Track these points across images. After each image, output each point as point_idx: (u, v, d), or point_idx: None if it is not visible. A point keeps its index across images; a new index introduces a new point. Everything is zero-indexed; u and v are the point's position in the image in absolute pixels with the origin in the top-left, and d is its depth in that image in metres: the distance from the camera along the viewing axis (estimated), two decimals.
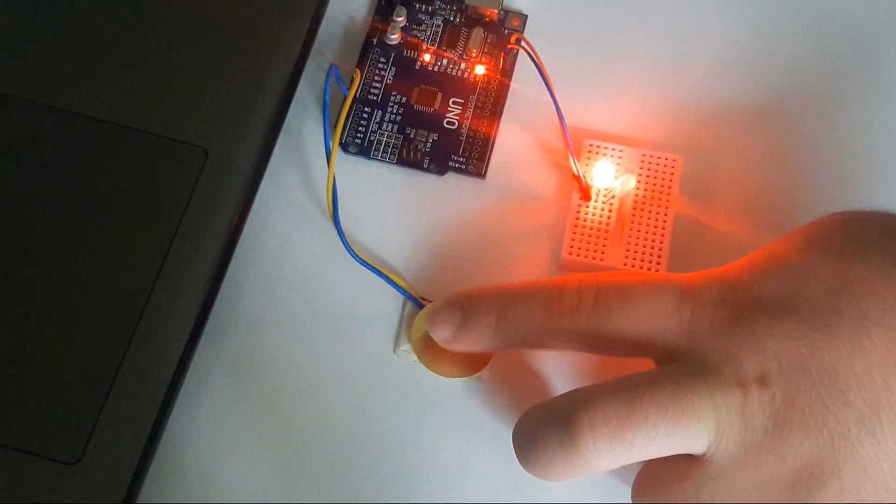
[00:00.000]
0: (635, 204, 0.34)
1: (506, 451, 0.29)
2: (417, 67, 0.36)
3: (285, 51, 0.35)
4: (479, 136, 0.35)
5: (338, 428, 0.32)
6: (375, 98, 0.36)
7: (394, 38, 0.36)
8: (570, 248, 0.33)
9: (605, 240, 0.33)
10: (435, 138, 0.35)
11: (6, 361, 0.31)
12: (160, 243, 0.33)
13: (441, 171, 0.35)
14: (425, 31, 0.37)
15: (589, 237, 0.33)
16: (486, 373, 0.32)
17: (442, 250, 0.34)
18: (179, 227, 0.33)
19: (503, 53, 0.36)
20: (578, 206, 0.34)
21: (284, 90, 0.35)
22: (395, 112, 0.36)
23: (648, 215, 0.33)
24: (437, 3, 0.37)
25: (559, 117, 0.34)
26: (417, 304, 0.33)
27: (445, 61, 0.36)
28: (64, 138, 0.34)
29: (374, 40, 0.37)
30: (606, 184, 0.34)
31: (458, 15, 0.37)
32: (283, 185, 0.35)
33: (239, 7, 0.36)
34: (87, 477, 0.30)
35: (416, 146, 0.35)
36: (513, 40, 0.36)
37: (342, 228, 0.33)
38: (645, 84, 0.36)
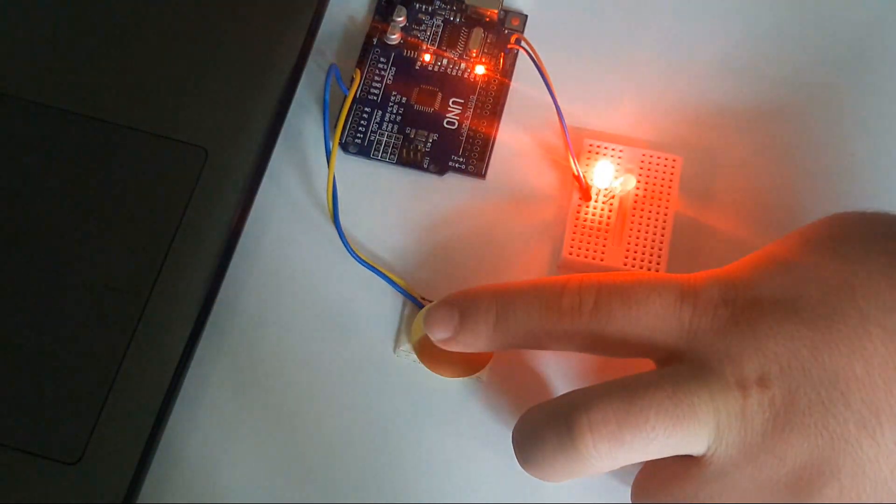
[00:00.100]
0: (635, 204, 0.34)
1: (506, 452, 0.29)
2: (417, 67, 0.36)
3: (285, 51, 0.35)
4: (479, 136, 0.35)
5: (337, 428, 0.32)
6: (375, 98, 0.36)
7: (394, 38, 0.36)
8: (570, 247, 0.33)
9: (605, 240, 0.33)
10: (435, 138, 0.35)
11: (6, 361, 0.31)
12: (160, 243, 0.33)
13: (441, 171, 0.35)
14: (425, 31, 0.37)
15: (589, 237, 0.33)
16: (486, 373, 0.32)
17: (442, 250, 0.34)
18: (179, 227, 0.33)
19: (503, 53, 0.36)
20: (578, 206, 0.34)
21: (284, 90, 0.35)
22: (395, 112, 0.36)
23: (648, 215, 0.33)
24: (437, 3, 0.37)
25: (559, 117, 0.34)
26: (417, 304, 0.33)
27: (445, 61, 0.36)
28: (64, 138, 0.34)
29: (374, 40, 0.37)
30: (606, 184, 0.34)
31: (458, 15, 0.37)
32: (283, 185, 0.35)
33: (239, 7, 0.36)
34: (87, 477, 0.30)
35: (416, 146, 0.35)
36: (513, 40, 0.36)
37: (342, 228, 0.33)
38: (645, 84, 0.36)
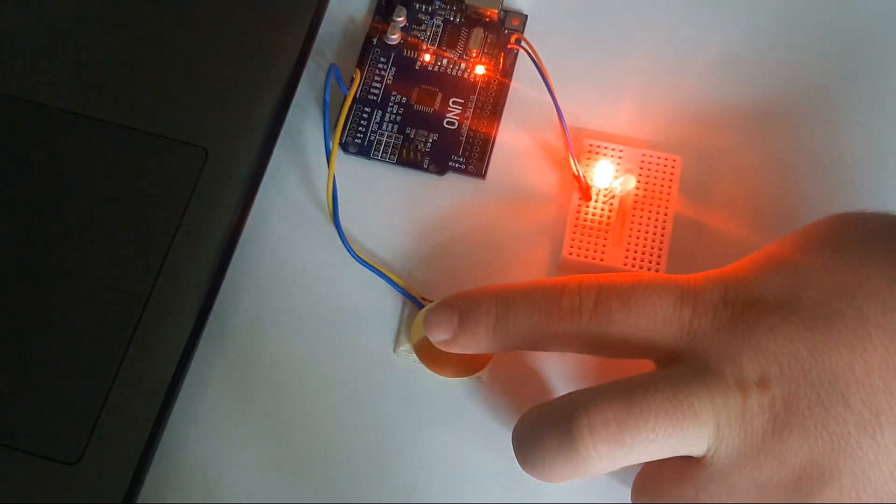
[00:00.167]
0: (635, 204, 0.34)
1: (506, 452, 0.29)
2: (417, 67, 0.36)
3: (285, 51, 0.35)
4: (479, 136, 0.35)
5: (337, 428, 0.32)
6: (375, 98, 0.36)
7: (394, 38, 0.36)
8: (570, 248, 0.33)
9: (605, 240, 0.33)
10: (435, 138, 0.35)
11: (6, 361, 0.31)
12: (160, 243, 0.33)
13: (441, 171, 0.35)
14: (425, 31, 0.37)
15: (589, 237, 0.33)
16: (486, 373, 0.32)
17: (442, 250, 0.34)
18: (179, 227, 0.33)
19: (503, 53, 0.36)
20: (578, 206, 0.34)
21: (284, 90, 0.35)
22: (395, 112, 0.36)
23: (648, 215, 0.33)
24: (437, 3, 0.37)
25: (559, 117, 0.34)
26: (417, 304, 0.33)
27: (445, 61, 0.36)
28: (64, 138, 0.34)
29: (374, 40, 0.37)
30: (606, 184, 0.34)
31: (458, 15, 0.37)
32: (283, 185, 0.35)
33: (239, 7, 0.36)
34: (87, 477, 0.30)
35: (416, 146, 0.35)
36: (513, 40, 0.36)
37: (342, 228, 0.33)
38: (645, 84, 0.36)
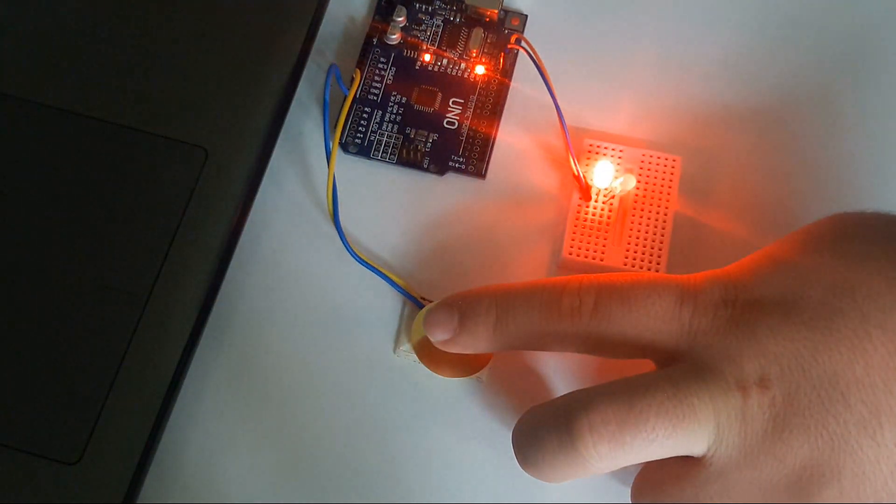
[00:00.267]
0: (635, 204, 0.34)
1: (506, 452, 0.29)
2: (417, 67, 0.36)
3: (285, 51, 0.35)
4: (479, 136, 0.35)
5: (337, 428, 0.32)
6: (375, 98, 0.36)
7: (394, 38, 0.36)
8: (570, 248, 0.33)
9: (605, 240, 0.33)
10: (435, 138, 0.35)
11: (6, 361, 0.31)
12: (160, 243, 0.33)
13: (441, 171, 0.35)
14: (425, 31, 0.37)
15: (589, 237, 0.33)
16: (486, 373, 0.32)
17: (442, 250, 0.34)
18: (179, 227, 0.33)
19: (503, 53, 0.36)
20: (578, 206, 0.34)
21: (284, 90, 0.35)
22: (395, 112, 0.36)
23: (648, 215, 0.33)
24: (437, 3, 0.37)
25: (559, 117, 0.34)
26: (417, 304, 0.33)
27: (445, 61, 0.36)
28: (64, 138, 0.34)
29: (374, 40, 0.37)
30: (606, 184, 0.34)
31: (458, 15, 0.37)
32: (283, 185, 0.35)
33: (239, 7, 0.36)
34: (87, 477, 0.30)
35: (416, 146, 0.35)
36: (513, 40, 0.36)
37: (342, 228, 0.33)
38: (645, 84, 0.36)
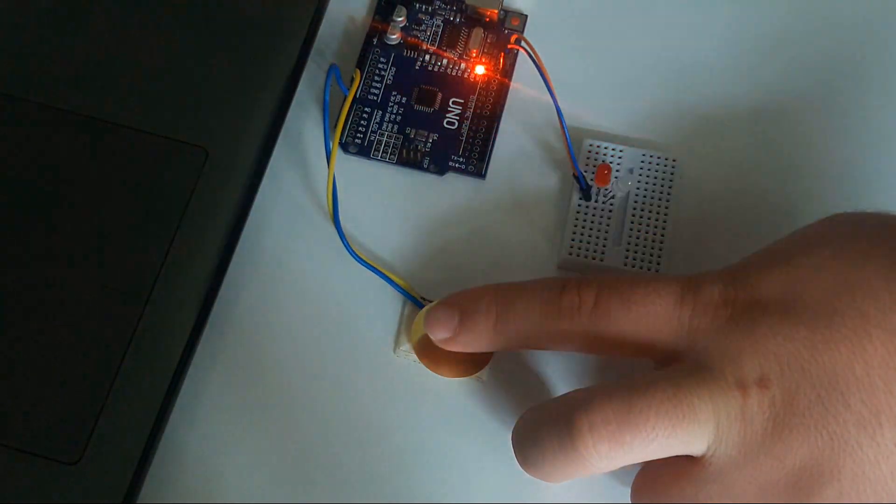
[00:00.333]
0: (635, 204, 0.34)
1: (506, 451, 0.29)
2: (417, 67, 0.36)
3: (285, 51, 0.35)
4: (479, 136, 0.35)
5: (337, 428, 0.32)
6: (375, 98, 0.36)
7: (394, 38, 0.36)
8: (570, 248, 0.33)
9: (605, 240, 0.33)
10: (435, 138, 0.35)
11: (6, 361, 0.31)
12: (160, 243, 0.33)
13: (441, 171, 0.35)
14: (425, 31, 0.37)
15: (589, 237, 0.33)
16: (486, 373, 0.32)
17: (442, 250, 0.34)
18: (179, 227, 0.33)
19: (503, 53, 0.36)
20: (578, 206, 0.34)
21: (284, 90, 0.35)
22: (395, 112, 0.36)
23: (648, 215, 0.33)
24: (437, 3, 0.37)
25: (559, 117, 0.34)
26: (417, 304, 0.33)
27: (445, 61, 0.36)
28: (64, 138, 0.34)
29: (374, 40, 0.37)
30: (606, 184, 0.34)
31: (458, 15, 0.37)
32: (283, 185, 0.35)
33: (239, 7, 0.36)
34: (87, 477, 0.30)
35: (416, 146, 0.35)
36: (513, 40, 0.36)
37: (342, 228, 0.33)
38: (645, 84, 0.36)
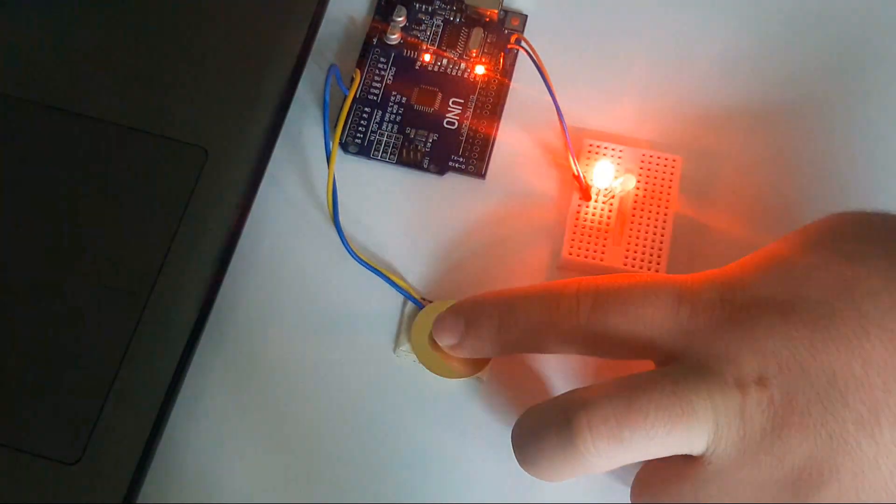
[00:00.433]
0: (635, 204, 0.34)
1: (506, 451, 0.29)
2: (417, 67, 0.36)
3: (285, 51, 0.35)
4: (479, 136, 0.35)
5: (337, 428, 0.32)
6: (375, 98, 0.36)
7: (394, 38, 0.36)
8: (570, 248, 0.33)
9: (605, 240, 0.33)
10: (435, 138, 0.35)
11: (6, 361, 0.31)
12: (160, 243, 0.33)
13: (441, 171, 0.35)
14: (425, 31, 0.37)
15: (589, 237, 0.33)
16: (486, 373, 0.32)
17: (442, 250, 0.34)
18: (179, 227, 0.33)
19: (503, 53, 0.36)
20: (578, 206, 0.34)
21: (284, 90, 0.35)
22: (395, 112, 0.36)
23: (648, 215, 0.33)
24: (437, 3, 0.37)
25: (559, 117, 0.34)
26: (417, 304, 0.33)
27: (445, 61, 0.36)
28: (64, 138, 0.34)
29: (374, 40, 0.37)
30: (606, 184, 0.34)
31: (458, 15, 0.37)
32: (283, 185, 0.35)
33: (239, 7, 0.36)
34: (87, 477, 0.30)
35: (416, 146, 0.35)
36: (513, 40, 0.36)
37: (342, 228, 0.33)
38: (645, 84, 0.36)
